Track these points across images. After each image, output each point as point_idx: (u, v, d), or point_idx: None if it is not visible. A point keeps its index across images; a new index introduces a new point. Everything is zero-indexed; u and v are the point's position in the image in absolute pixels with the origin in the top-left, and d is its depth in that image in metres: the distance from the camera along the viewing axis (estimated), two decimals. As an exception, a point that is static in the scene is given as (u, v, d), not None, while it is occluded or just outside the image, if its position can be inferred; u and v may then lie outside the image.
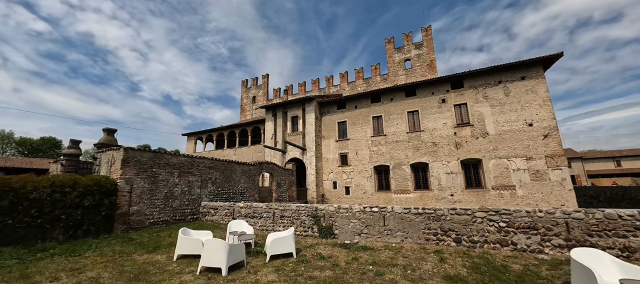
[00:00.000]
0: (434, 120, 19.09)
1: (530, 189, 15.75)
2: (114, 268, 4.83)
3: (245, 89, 37.18)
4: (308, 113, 22.96)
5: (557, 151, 15.50)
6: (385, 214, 6.75)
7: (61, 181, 6.37)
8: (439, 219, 6.15)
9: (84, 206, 6.68)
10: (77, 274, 4.51)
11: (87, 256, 5.53)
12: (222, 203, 9.66)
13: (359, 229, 6.98)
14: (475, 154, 17.43)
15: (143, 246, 6.40)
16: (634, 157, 46.29)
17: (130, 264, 5.12)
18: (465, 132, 18.00)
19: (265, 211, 8.60)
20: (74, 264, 5.06)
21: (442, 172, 18.21)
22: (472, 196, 17.10)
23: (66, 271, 4.68)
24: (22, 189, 5.78)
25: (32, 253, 5.53)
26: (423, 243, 6.22)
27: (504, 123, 16.99)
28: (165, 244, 6.63)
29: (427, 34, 26.15)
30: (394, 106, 20.77)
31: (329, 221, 7.40)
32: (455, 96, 18.76)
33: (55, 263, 5.08)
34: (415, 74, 26.05)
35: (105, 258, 5.45)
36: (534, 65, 16.79)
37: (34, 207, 5.95)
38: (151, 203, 8.43)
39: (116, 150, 7.93)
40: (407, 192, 19.18)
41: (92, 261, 5.22)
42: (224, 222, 9.34)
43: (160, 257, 5.63)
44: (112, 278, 4.35)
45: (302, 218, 7.86)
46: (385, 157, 20.39)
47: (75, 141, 10.46)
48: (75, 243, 6.29)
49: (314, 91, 31.42)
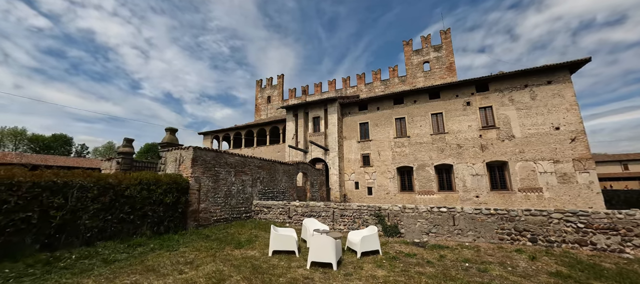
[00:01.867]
0: (458, 122, 19.36)
1: (557, 191, 16.03)
2: (223, 262, 5.10)
3: (260, 89, 37.43)
4: (330, 114, 23.23)
5: (584, 155, 15.78)
6: (455, 214, 7.02)
7: (147, 178, 6.64)
8: (513, 220, 6.43)
9: (166, 203, 6.95)
10: (196, 268, 4.78)
11: (184, 251, 5.79)
12: (276, 202, 9.93)
13: (426, 229, 7.25)
14: (501, 157, 17.70)
15: (224, 242, 6.66)
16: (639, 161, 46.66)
17: (233, 259, 5.38)
18: (490, 134, 18.27)
19: (323, 210, 8.86)
20: (181, 257, 5.32)
21: (467, 174, 18.49)
22: (497, 198, 17.37)
23: (183, 264, 4.95)
24: (118, 186, 6.04)
25: (131, 247, 5.79)
26: (497, 242, 6.49)
27: (531, 126, 17.26)
28: (243, 240, 6.89)
29: (446, 37, 26.42)
30: (417, 108, 21.04)
31: (393, 220, 7.66)
32: (480, 99, 19.03)
33: (163, 256, 5.35)
34: (434, 77, 26.33)
35: (204, 252, 5.72)
36: (561, 69, 17.06)
37: (128, 204, 6.21)
38: (214, 201, 8.70)
39: (185, 149, 8.19)
40: (431, 193, 19.46)
41: (195, 256, 5.48)
42: (279, 220, 9.61)
43: (253, 252, 5.90)
44: (234, 272, 4.61)
45: (364, 217, 8.12)
46: (409, 159, 20.67)
47: (129, 139, 10.75)
48: (161, 238, 6.55)
49: (331, 92, 31.68)
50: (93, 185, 5.62)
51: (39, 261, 4.59)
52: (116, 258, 5.12)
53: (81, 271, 4.42)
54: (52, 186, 5.05)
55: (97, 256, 5.11)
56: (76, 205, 5.35)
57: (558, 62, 17.05)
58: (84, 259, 4.92)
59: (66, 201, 5.19)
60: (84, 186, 5.48)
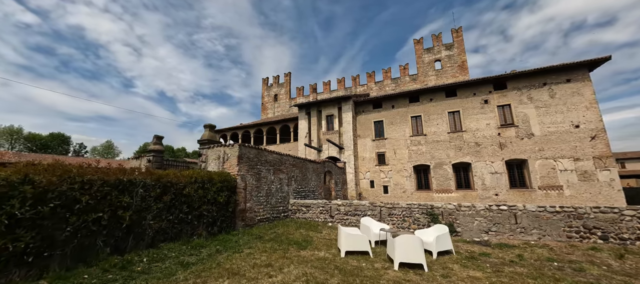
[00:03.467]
0: (476, 120, 19.34)
1: (578, 189, 16.12)
2: (303, 265, 4.84)
3: (267, 87, 36.99)
4: (345, 112, 23.01)
5: (605, 152, 15.89)
6: (516, 212, 6.88)
7: (201, 176, 6.31)
8: (581, 217, 6.30)
9: (219, 203, 6.63)
10: (280, 271, 4.51)
11: (251, 252, 5.51)
12: (315, 201, 9.67)
13: (485, 227, 7.09)
14: (521, 155, 17.74)
15: (282, 243, 6.39)
16: (636, 160, 47.82)
17: (308, 261, 5.12)
18: (509, 133, 18.29)
19: (368, 208, 8.64)
20: (253, 259, 5.04)
21: (486, 172, 18.48)
22: (517, 196, 17.40)
23: (261, 267, 4.67)
24: (177, 184, 5.71)
25: (194, 248, 5.48)
26: (565, 240, 6.36)
27: (550, 124, 17.32)
28: (300, 241, 6.63)
29: (458, 35, 26.43)
30: (433, 106, 20.96)
31: (448, 219, 7.49)
32: (498, 97, 19.03)
33: (235, 258, 5.06)
34: (446, 75, 26.32)
35: (272, 254, 5.44)
36: (580, 68, 17.15)
37: (186, 204, 5.89)
38: (258, 200, 8.40)
39: (229, 146, 7.87)
40: (449, 192, 19.41)
41: (267, 257, 5.20)
42: (320, 220, 9.36)
43: (322, 253, 5.65)
44: (324, 274, 4.36)
45: (415, 216, 7.93)
46: (426, 157, 20.58)
47: (159, 137, 10.36)
48: (218, 239, 6.25)
49: (340, 90, 31.47)
50: (155, 183, 5.28)
51: (113, 265, 4.26)
52: (188, 260, 4.82)
53: (164, 275, 4.11)
54: (118, 185, 4.71)
55: (168, 259, 4.80)
56: (141, 205, 5.02)
57: (577, 61, 17.14)
58: (157, 263, 4.60)
59: (132, 201, 4.85)
60: (147, 185, 5.14)
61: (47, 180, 3.81)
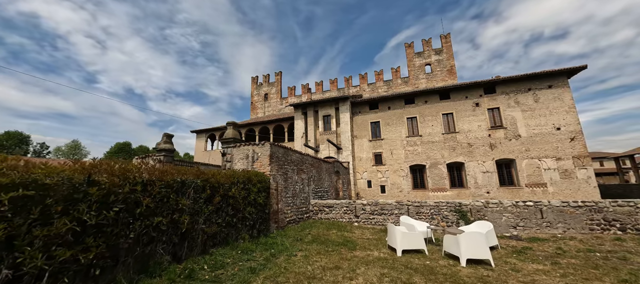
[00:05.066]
0: (468, 122, 20.38)
1: (560, 186, 17.59)
2: (371, 266, 4.73)
3: (256, 86, 36.08)
4: (342, 112, 23.10)
5: (582, 152, 17.51)
6: (542, 207, 7.30)
7: (242, 177, 5.95)
8: (601, 211, 6.85)
9: (258, 204, 6.29)
10: (353, 272, 4.37)
11: (306, 255, 5.29)
12: (338, 201, 9.57)
13: (513, 223, 7.45)
14: (509, 155, 18.98)
15: (326, 244, 6.22)
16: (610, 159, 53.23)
17: (371, 262, 5.03)
18: (498, 134, 19.50)
19: (396, 207, 8.71)
20: (315, 262, 4.85)
21: (478, 172, 19.52)
22: (506, 193, 18.59)
23: (331, 269, 4.50)
24: (224, 185, 5.32)
25: (245, 253, 5.15)
26: (588, 232, 6.87)
27: (535, 127, 18.74)
28: (341, 241, 6.50)
29: (447, 41, 27.72)
30: (428, 108, 21.75)
31: (477, 216, 7.77)
32: (489, 101, 20.23)
33: (295, 262, 4.83)
34: (436, 79, 27.46)
35: (329, 256, 5.27)
36: (560, 75, 18.76)
37: (230, 206, 5.50)
38: (286, 201, 8.12)
39: (259, 145, 7.53)
40: (444, 190, 20.23)
41: (327, 259, 5.03)
42: (345, 220, 9.27)
43: (377, 253, 5.58)
44: (397, 273, 4.29)
45: (443, 213, 8.13)
46: (421, 157, 21.28)
47: (169, 135, 9.67)
48: (261, 242, 5.93)
49: (333, 91, 31.56)
50: (204, 184, 4.87)
51: (177, 275, 3.85)
52: (250, 266, 4.51)
53: (240, 283, 3.78)
54: (174, 186, 4.27)
55: (228, 265, 4.44)
56: (193, 207, 4.59)
57: (557, 68, 18.71)
58: (219, 270, 4.25)
59: (189, 203, 4.43)
60: (197, 186, 4.72)
61: (110, 181, 3.34)
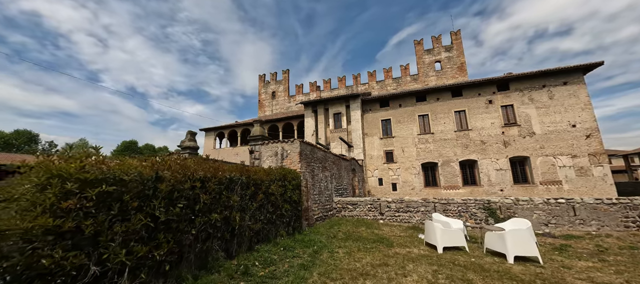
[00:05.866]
0: (481, 120, 20.24)
1: (576, 184, 17.45)
2: (418, 263, 4.72)
3: (263, 84, 36.06)
4: (353, 110, 23.03)
5: (598, 150, 17.34)
6: (575, 204, 7.24)
7: (278, 174, 5.94)
8: (637, 208, 6.78)
9: (293, 201, 6.29)
10: (402, 269, 4.36)
11: (348, 252, 5.29)
12: (362, 198, 9.56)
13: (545, 220, 7.39)
14: (523, 152, 18.84)
15: (363, 241, 6.22)
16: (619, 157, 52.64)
17: (417, 259, 5.01)
18: (512, 131, 19.35)
19: (422, 205, 8.68)
20: (362, 259, 4.84)
21: (491, 169, 19.41)
22: (520, 191, 18.48)
23: (380, 266, 4.49)
24: (265, 182, 5.32)
25: (287, 250, 5.15)
26: (623, 229, 6.80)
27: (549, 124, 18.57)
28: (375, 239, 6.49)
29: (457, 38, 27.50)
30: (440, 106, 21.63)
31: (506, 213, 7.72)
32: (502, 98, 20.06)
33: (340, 259, 4.83)
34: (446, 76, 27.28)
35: (372, 253, 5.26)
36: (575, 71, 18.55)
37: (270, 202, 5.50)
38: (314, 199, 8.11)
39: (288, 142, 7.52)
40: (456, 188, 20.15)
41: (371, 256, 5.02)
42: (369, 217, 9.25)
43: (417, 250, 5.56)
44: (451, 271, 4.27)
45: (472, 211, 8.08)
46: (433, 155, 21.19)
47: (193, 133, 9.69)
48: (295, 239, 5.93)
49: (341, 89, 31.48)
50: (248, 181, 4.87)
51: (234, 271, 3.86)
52: (299, 262, 4.51)
53: (296, 280, 3.79)
54: (224, 182, 4.27)
55: (278, 262, 4.45)
56: (240, 204, 4.60)
57: (573, 65, 18.50)
58: (270, 266, 4.25)
59: (239, 200, 4.43)
60: (243, 183, 4.72)
61: (175, 178, 3.34)
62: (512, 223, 6.24)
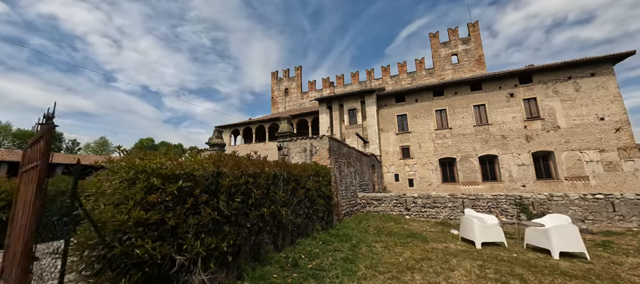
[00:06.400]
0: (502, 114, 19.70)
1: (604, 179, 16.80)
2: (460, 257, 4.72)
3: (276, 81, 36.28)
4: (368, 105, 22.90)
5: (629, 144, 16.59)
6: (614, 200, 7.01)
7: (312, 170, 6.04)
8: (683, 204, 6.48)
9: (326, 196, 6.39)
10: (446, 263, 4.38)
11: (386, 247, 5.35)
12: (387, 194, 9.57)
13: (581, 216, 7.20)
14: (547, 147, 18.26)
15: (395, 236, 6.25)
16: None
17: (457, 254, 5.01)
18: (535, 125, 18.76)
19: (449, 200, 8.61)
20: (403, 253, 4.88)
21: (513, 164, 18.93)
22: (544, 187, 17.95)
23: (423, 260, 4.53)
24: (301, 177, 5.43)
25: (326, 243, 5.26)
26: (667, 226, 6.54)
27: (575, 117, 17.88)
28: (407, 234, 6.51)
29: (475, 29, 26.74)
30: (458, 100, 21.18)
31: (539, 209, 7.56)
32: (524, 91, 19.43)
33: (381, 253, 4.89)
34: (463, 69, 26.64)
35: (411, 248, 5.29)
36: (604, 62, 17.71)
37: (307, 198, 5.62)
38: (341, 194, 8.19)
39: (316, 139, 7.60)
40: (475, 184, 19.79)
41: (410, 251, 5.06)
42: (395, 213, 9.26)
43: (454, 246, 5.56)
44: (497, 266, 4.26)
45: (502, 206, 7.96)
46: (451, 150, 20.85)
47: (220, 130, 9.92)
48: (330, 234, 6.03)
49: (354, 84, 31.29)
50: (289, 177, 4.98)
51: (285, 263, 3.99)
52: (343, 256, 4.60)
53: (345, 272, 3.88)
54: (270, 178, 4.40)
55: (322, 256, 4.55)
56: (284, 199, 4.72)
57: (602, 55, 17.67)
58: (315, 259, 4.36)
59: (285, 195, 4.56)
60: (285, 178, 4.84)
61: (232, 173, 3.48)
62: (551, 219, 6.12)
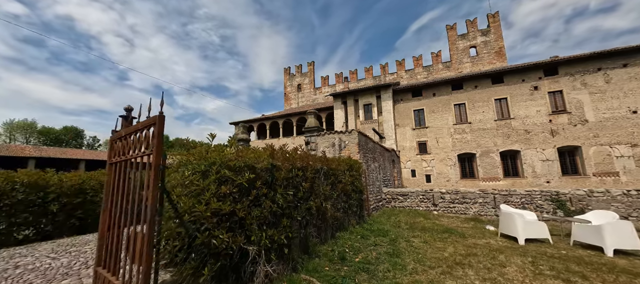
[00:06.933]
0: (525, 107, 19.03)
1: (636, 175, 16.01)
2: (507, 254, 4.60)
3: (289, 77, 36.30)
4: (384, 100, 22.59)
5: (664, 138, 15.70)
6: (662, 196, 6.64)
7: (346, 165, 6.00)
8: None
9: (359, 190, 6.35)
10: (495, 259, 4.27)
11: (426, 242, 5.27)
12: (413, 189, 9.44)
13: (624, 213, 6.88)
14: (574, 142, 17.53)
15: (429, 231, 6.15)
16: None
17: (498, 250, 4.89)
18: (561, 119, 18.03)
19: (479, 196, 8.41)
20: (447, 248, 4.79)
21: (536, 160, 18.31)
22: (570, 183, 17.30)
23: (469, 256, 4.43)
24: (337, 171, 5.40)
25: (364, 238, 5.23)
26: None
27: (605, 110, 17.06)
28: (440, 229, 6.39)
29: (495, 20, 25.81)
30: (479, 93, 20.58)
31: (578, 205, 7.27)
32: (549, 83, 18.67)
33: (422, 248, 4.81)
34: (482, 62, 25.83)
35: (452, 244, 5.20)
36: (638, 52, 16.75)
37: (343, 192, 5.59)
38: (369, 189, 8.13)
39: (345, 133, 7.53)
40: (496, 180, 19.28)
41: (453, 247, 4.96)
42: (422, 208, 9.14)
43: (494, 242, 5.41)
44: (551, 262, 4.12)
45: (537, 202, 7.71)
46: (471, 145, 20.35)
47: (246, 126, 9.98)
48: (364, 228, 5.99)
49: (368, 79, 30.93)
50: (328, 171, 4.96)
51: (330, 256, 3.99)
52: (383, 251, 4.56)
53: (394, 267, 3.84)
54: (315, 171, 4.39)
55: (363, 250, 4.53)
56: (325, 193, 4.71)
57: (635, 45, 16.72)
58: (359, 253, 4.34)
59: (328, 189, 4.55)
60: (326, 172, 4.82)
61: (285, 166, 3.48)
62: (595, 216, 5.87)
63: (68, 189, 5.75)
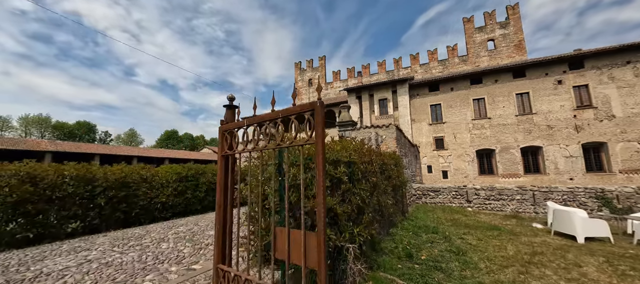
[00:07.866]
0: (548, 102, 18.52)
1: (666, 172, 15.50)
2: (570, 253, 4.41)
3: (300, 72, 36.04)
4: (400, 95, 22.25)
5: (698, 134, 15.12)
6: None
7: (391, 159, 5.84)
8: None
9: (403, 185, 6.19)
10: (564, 259, 4.09)
11: (483, 239, 5.11)
12: (445, 186, 9.24)
13: (678, 211, 6.58)
14: (599, 137, 17.04)
15: (475, 228, 5.98)
16: None
17: (560, 248, 4.70)
18: (586, 114, 17.51)
19: (517, 193, 8.18)
20: (507, 247, 4.63)
21: (559, 156, 17.88)
22: (594, 180, 16.86)
23: (536, 254, 4.26)
24: (386, 165, 5.24)
25: (414, 234, 5.09)
26: None
27: (634, 105, 16.49)
28: (483, 227, 6.22)
29: (514, 12, 25.07)
30: (499, 88, 20.10)
31: (625, 203, 7.00)
32: (574, 77, 18.10)
33: (481, 246, 4.65)
34: (500, 56, 25.19)
35: (509, 242, 5.03)
36: (671, 44, 16.06)
37: (392, 186, 5.44)
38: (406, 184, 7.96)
39: (382, 128, 7.35)
40: (516, 176, 18.91)
41: (513, 245, 4.79)
42: (454, 205, 8.95)
43: (549, 240, 5.22)
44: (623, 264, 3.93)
45: (580, 199, 7.46)
46: (490, 141, 19.96)
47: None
48: (409, 223, 5.85)
49: (381, 74, 30.50)
50: (382, 165, 4.81)
51: (397, 254, 3.86)
52: (443, 248, 4.41)
53: (463, 265, 3.70)
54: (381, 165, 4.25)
55: (422, 246, 4.39)
56: (384, 188, 4.58)
57: (669, 37, 15.99)
58: (421, 250, 4.20)
59: (386, 182, 4.41)
60: (381, 167, 4.67)
61: (361, 161, 3.34)
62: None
63: (113, 182, 5.73)
